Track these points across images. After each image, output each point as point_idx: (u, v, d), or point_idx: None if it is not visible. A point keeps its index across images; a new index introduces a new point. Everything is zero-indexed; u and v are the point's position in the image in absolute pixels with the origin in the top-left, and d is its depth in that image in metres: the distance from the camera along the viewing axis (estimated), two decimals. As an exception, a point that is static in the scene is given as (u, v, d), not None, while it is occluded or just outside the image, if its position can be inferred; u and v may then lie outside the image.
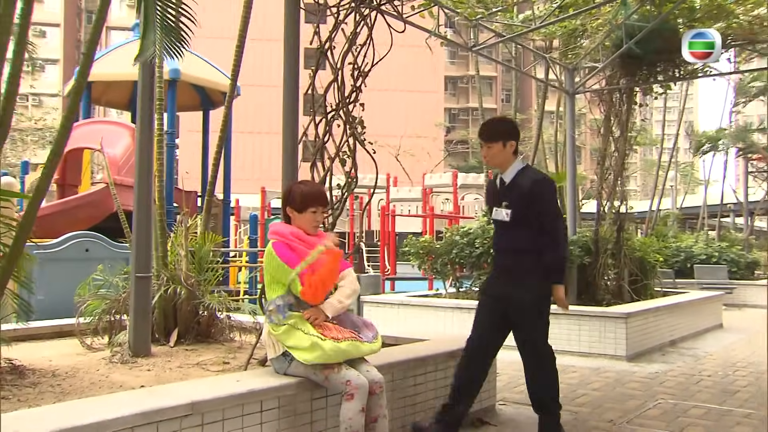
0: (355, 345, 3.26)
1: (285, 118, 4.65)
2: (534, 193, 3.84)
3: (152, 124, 4.67)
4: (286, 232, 3.49)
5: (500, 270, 4.10)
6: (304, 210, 3.51)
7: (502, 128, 3.99)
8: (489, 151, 3.96)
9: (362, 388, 3.21)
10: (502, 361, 6.88)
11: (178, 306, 4.98)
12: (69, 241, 6.33)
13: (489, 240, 8.39)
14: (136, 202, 4.60)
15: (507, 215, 3.89)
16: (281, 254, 3.42)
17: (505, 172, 3.97)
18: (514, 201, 3.88)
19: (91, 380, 3.81)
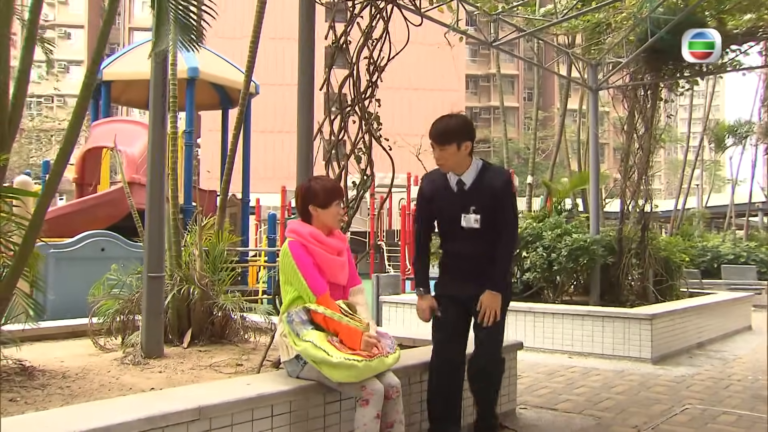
0: (382, 361, 3.14)
1: (300, 115, 4.56)
2: (506, 194, 3.65)
3: (165, 122, 4.58)
4: (304, 232, 3.39)
5: (463, 274, 3.73)
6: (329, 204, 3.43)
7: (455, 128, 3.60)
8: (442, 154, 3.60)
9: (378, 393, 3.10)
10: (524, 362, 6.79)
11: (191, 306, 4.90)
12: (85, 240, 6.29)
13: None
14: (149, 201, 4.52)
15: (477, 221, 3.61)
16: (296, 256, 3.32)
17: (463, 174, 3.65)
18: (483, 204, 3.61)
19: (101, 382, 3.73)
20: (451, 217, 3.69)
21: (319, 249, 3.37)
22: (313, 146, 4.53)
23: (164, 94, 4.58)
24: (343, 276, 3.47)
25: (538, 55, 10.57)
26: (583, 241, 7.90)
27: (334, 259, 3.42)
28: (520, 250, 8.18)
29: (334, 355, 3.05)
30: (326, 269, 3.39)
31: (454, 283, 3.75)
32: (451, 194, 3.68)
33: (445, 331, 3.72)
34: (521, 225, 8.45)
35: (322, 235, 3.42)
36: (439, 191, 3.73)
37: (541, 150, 34.03)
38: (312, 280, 3.28)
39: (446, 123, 3.62)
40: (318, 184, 3.50)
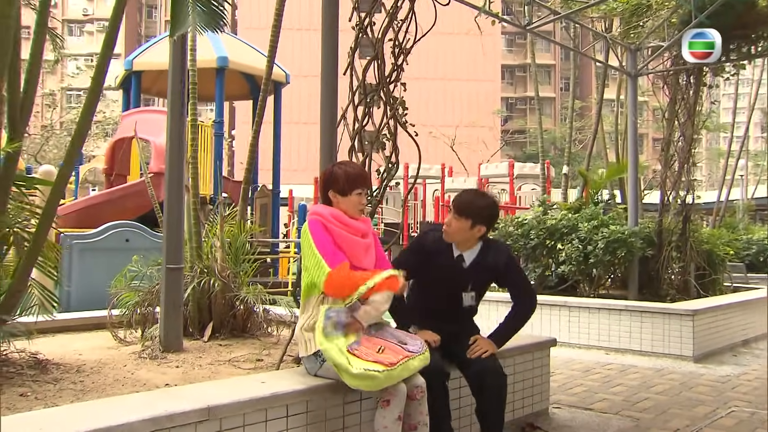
0: (406, 366, 2.93)
1: (323, 102, 4.38)
2: (511, 268, 3.67)
3: (183, 109, 4.45)
4: (325, 212, 3.22)
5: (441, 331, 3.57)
6: (349, 192, 3.24)
7: (478, 208, 3.47)
8: (453, 222, 3.49)
9: (400, 393, 2.91)
10: (558, 359, 6.55)
11: (212, 299, 4.77)
12: (109, 230, 6.23)
13: (544, 231, 7.98)
14: (167, 190, 4.39)
15: (473, 299, 3.62)
16: (314, 232, 3.14)
17: (465, 251, 3.56)
18: (479, 283, 3.62)
19: (115, 377, 3.61)
20: (449, 291, 3.61)
21: (339, 229, 3.18)
22: (337, 133, 4.36)
23: (183, 81, 4.45)
24: (367, 259, 3.26)
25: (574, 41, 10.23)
26: (621, 233, 7.60)
27: (356, 240, 3.23)
28: (555, 243, 7.91)
29: (354, 365, 2.86)
30: (348, 250, 3.18)
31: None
32: (450, 264, 3.57)
33: None
34: (556, 216, 8.18)
35: (345, 216, 3.23)
36: (440, 253, 3.57)
37: (577, 141, 33.41)
38: (328, 254, 3.08)
39: (474, 198, 3.53)
40: (341, 170, 3.32)
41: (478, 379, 3.44)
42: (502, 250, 3.69)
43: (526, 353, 4.37)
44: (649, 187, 17.87)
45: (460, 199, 3.52)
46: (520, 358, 4.31)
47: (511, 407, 4.18)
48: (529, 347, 4.42)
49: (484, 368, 3.41)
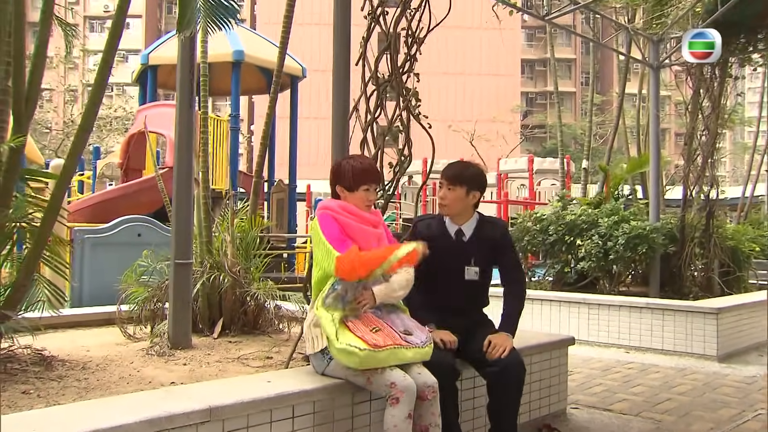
0: (394, 353, 2.84)
1: (335, 93, 4.28)
2: (506, 243, 3.61)
3: (192, 101, 4.36)
4: (334, 205, 3.15)
5: (447, 327, 3.43)
6: (356, 188, 3.16)
7: (470, 175, 3.49)
8: (449, 194, 3.47)
9: (408, 391, 2.80)
10: (576, 357, 6.39)
11: (222, 295, 4.69)
12: (121, 225, 6.17)
13: (563, 227, 7.82)
14: (176, 184, 4.31)
15: (477, 273, 3.51)
16: (323, 224, 3.06)
17: (463, 224, 3.53)
18: (482, 257, 3.53)
19: (120, 374, 3.54)
20: (451, 268, 3.51)
21: (349, 220, 3.09)
22: (349, 126, 4.25)
23: (191, 73, 4.37)
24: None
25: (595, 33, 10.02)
26: (642, 229, 7.42)
27: (367, 230, 3.13)
28: (574, 238, 7.75)
29: (339, 338, 2.84)
30: (359, 240, 3.08)
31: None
32: (450, 243, 3.53)
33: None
34: (576, 212, 8.02)
35: (354, 207, 3.15)
36: (436, 238, 3.49)
37: (598, 135, 33.02)
38: (336, 241, 3.00)
39: (463, 167, 3.54)
40: (348, 164, 3.22)
41: (500, 375, 3.30)
42: (499, 224, 3.69)
43: (544, 352, 4.24)
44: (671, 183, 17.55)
45: (450, 171, 3.50)
46: (537, 357, 4.18)
47: (527, 408, 4.06)
48: (547, 346, 4.29)
49: (507, 363, 3.28)
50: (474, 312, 3.64)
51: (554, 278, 8.15)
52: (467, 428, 3.60)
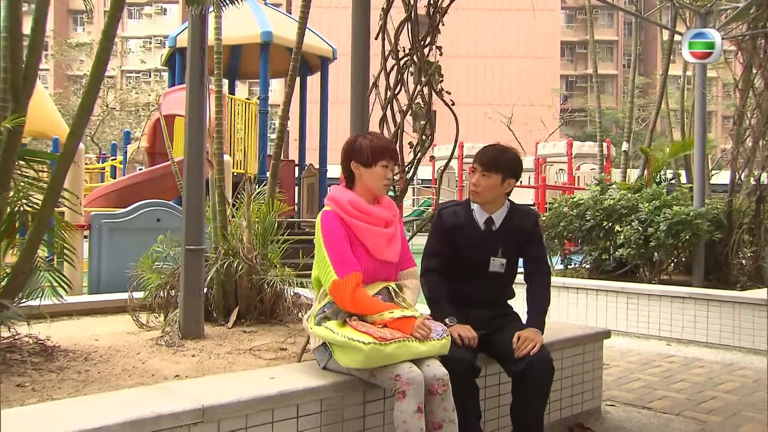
0: (405, 346, 2.59)
1: (354, 69, 4.03)
2: (536, 234, 3.35)
3: (203, 79, 4.14)
4: (343, 199, 2.88)
5: (469, 320, 3.16)
6: (374, 163, 2.89)
7: (506, 161, 3.21)
8: (482, 180, 3.19)
9: (415, 383, 2.55)
10: (613, 349, 6.06)
11: (238, 282, 4.49)
12: (139, 210, 6.02)
13: (601, 212, 7.45)
14: (186, 165, 4.11)
15: (503, 266, 3.26)
16: (325, 227, 2.82)
17: (494, 213, 3.27)
18: (510, 248, 3.27)
19: (124, 366, 3.36)
20: (476, 259, 3.26)
21: (358, 221, 2.85)
22: (368, 103, 4.00)
23: (202, 50, 4.14)
24: (391, 252, 2.93)
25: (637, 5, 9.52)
26: (686, 215, 7.01)
27: (378, 231, 2.89)
28: (613, 224, 7.38)
29: (338, 332, 2.61)
30: (369, 243, 2.86)
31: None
32: (478, 233, 3.26)
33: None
34: (615, 196, 7.63)
35: (364, 203, 2.89)
36: (462, 227, 3.27)
37: (640, 119, 32.16)
38: (337, 257, 2.75)
39: (499, 152, 3.24)
40: (366, 139, 2.96)
41: (526, 374, 3.03)
42: (531, 214, 3.41)
43: (577, 346, 3.94)
44: (717, 167, 16.89)
45: (485, 156, 3.21)
46: (569, 351, 3.88)
47: (558, 405, 3.78)
48: (580, 339, 3.98)
49: (535, 359, 3.01)
50: (499, 304, 3.38)
51: (591, 266, 7.80)
52: (491, 428, 3.34)
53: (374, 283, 2.89)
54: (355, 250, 2.85)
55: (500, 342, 3.14)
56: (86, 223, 5.70)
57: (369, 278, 2.87)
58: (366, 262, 2.87)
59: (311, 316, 2.90)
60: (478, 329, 3.13)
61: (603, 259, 7.66)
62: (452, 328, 3.05)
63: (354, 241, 2.86)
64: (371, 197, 2.95)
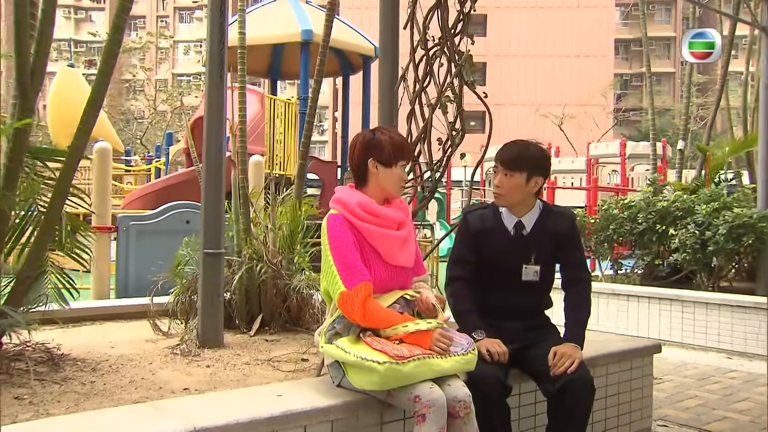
0: (426, 363, 2.32)
1: (381, 59, 3.81)
2: (573, 238, 3.03)
3: (223, 73, 3.95)
4: (351, 201, 2.62)
5: (500, 333, 2.89)
6: (394, 163, 2.64)
7: (530, 157, 2.91)
8: (505, 181, 2.91)
9: (436, 405, 2.28)
10: (667, 362, 5.65)
11: (262, 287, 4.28)
12: (168, 211, 5.88)
13: (654, 214, 7.01)
14: (205, 164, 3.92)
15: (537, 273, 2.95)
16: (332, 232, 2.57)
17: (523, 216, 2.97)
18: (544, 254, 2.98)
19: (132, 378, 3.17)
20: (507, 267, 2.97)
21: (369, 224, 2.59)
22: (397, 96, 3.75)
23: (222, 42, 3.94)
24: (405, 256, 2.67)
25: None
26: (748, 217, 6.51)
27: (390, 234, 2.63)
28: (667, 227, 6.93)
29: (350, 351, 2.36)
30: (382, 248, 2.61)
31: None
32: (507, 238, 2.96)
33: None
34: (669, 198, 7.18)
35: (374, 205, 2.63)
36: (490, 232, 2.98)
37: (699, 118, 31.03)
38: (345, 266, 2.50)
39: (522, 148, 2.94)
40: (385, 135, 2.69)
41: (563, 394, 2.72)
42: (566, 215, 3.06)
43: (623, 361, 3.60)
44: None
45: (506, 153, 2.92)
46: (614, 367, 3.54)
47: (602, 427, 3.45)
48: (627, 354, 3.64)
49: (572, 379, 2.70)
50: (535, 315, 3.07)
51: (644, 271, 7.35)
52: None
53: (390, 292, 2.63)
54: (366, 256, 2.59)
55: (535, 358, 2.84)
56: (114, 225, 5.60)
57: (384, 287, 2.62)
58: (379, 269, 2.61)
59: (322, 332, 2.65)
60: (510, 343, 2.85)
61: (656, 265, 7.22)
62: (480, 342, 2.76)
63: (365, 246, 2.60)
64: (382, 198, 2.70)
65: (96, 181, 5.46)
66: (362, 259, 2.58)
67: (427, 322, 2.46)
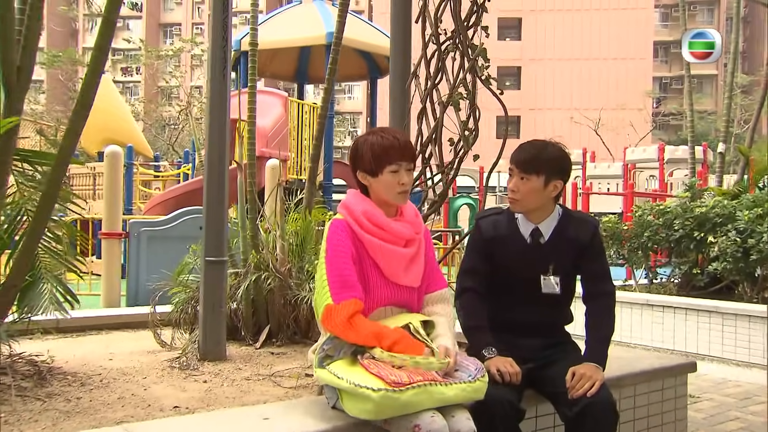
0: (427, 392, 2.07)
1: (393, 54, 3.59)
2: (596, 247, 2.73)
3: (225, 71, 3.76)
4: (357, 210, 2.39)
5: (518, 350, 2.62)
6: (379, 171, 2.38)
7: (548, 158, 2.63)
8: (520, 185, 2.64)
9: None
10: (705, 378, 5.28)
11: (269, 298, 4.08)
12: (181, 217, 5.72)
13: (692, 221, 6.64)
14: (207, 168, 3.75)
15: (557, 285, 2.68)
16: (331, 239, 2.35)
17: (541, 222, 2.69)
18: (564, 263, 2.70)
19: (122, 394, 2.99)
20: (523, 278, 2.70)
21: (372, 236, 2.36)
22: (409, 93, 3.53)
23: (225, 39, 3.75)
24: (410, 276, 2.43)
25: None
26: (795, 224, 6.11)
27: (395, 251, 2.39)
28: (706, 235, 6.55)
29: (343, 377, 2.12)
30: (384, 264, 2.38)
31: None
32: (523, 247, 2.70)
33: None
34: (708, 203, 6.80)
35: (381, 216, 2.39)
36: (504, 241, 2.71)
37: (743, 120, 30.12)
38: (337, 277, 2.27)
39: (539, 148, 2.66)
40: (367, 141, 2.44)
41: (582, 420, 2.45)
42: (589, 222, 2.77)
43: (653, 381, 3.29)
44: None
45: (521, 154, 2.65)
46: (643, 387, 3.24)
47: (630, 453, 3.14)
48: (658, 372, 3.33)
49: (592, 402, 2.43)
50: (553, 331, 2.80)
51: (681, 281, 6.97)
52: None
53: (394, 316, 2.40)
54: (366, 270, 2.36)
55: (552, 378, 2.57)
56: (124, 231, 5.46)
57: (382, 302, 2.39)
58: (378, 284, 2.38)
59: (315, 350, 2.41)
60: (525, 362, 2.58)
61: (694, 274, 6.83)
62: (490, 361, 2.51)
63: (366, 259, 2.37)
64: (392, 208, 2.45)
65: (106, 186, 5.31)
66: (362, 272, 2.35)
67: (440, 362, 2.19)
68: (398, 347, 2.20)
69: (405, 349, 2.19)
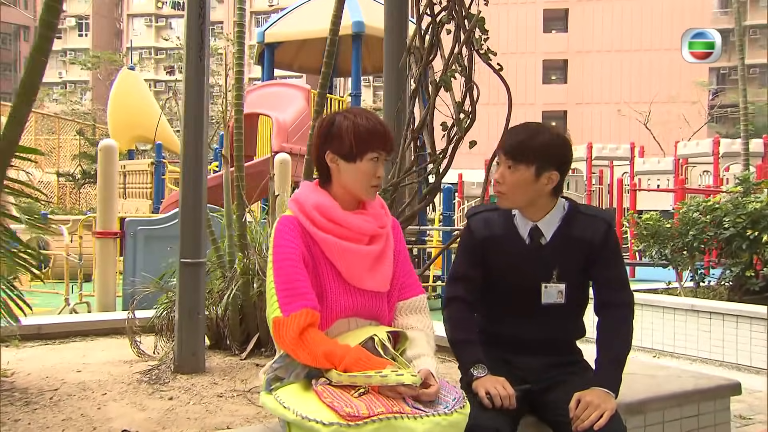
0: (391, 426, 1.67)
1: (387, 33, 3.21)
2: (608, 248, 2.26)
3: (203, 55, 3.39)
4: (307, 204, 2.00)
5: (519, 370, 2.26)
6: (359, 156, 2.00)
7: (541, 145, 2.18)
8: (506, 175, 2.20)
9: None
10: (757, 396, 4.67)
11: (259, 305, 3.71)
12: (180, 215, 5.40)
13: (744, 218, 6.05)
14: (183, 162, 3.40)
15: (561, 294, 2.24)
16: (278, 240, 1.97)
17: (540, 220, 2.25)
18: (569, 268, 2.26)
19: (70, 414, 2.67)
20: (522, 286, 2.27)
21: (326, 234, 1.97)
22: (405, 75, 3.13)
23: (202, 17, 3.39)
24: (376, 278, 2.03)
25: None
26: None
27: (355, 250, 1.99)
28: (760, 233, 5.94)
29: (290, 407, 1.75)
30: (342, 265, 1.99)
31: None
32: (521, 249, 2.27)
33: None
34: (762, 199, 6.18)
35: (336, 209, 1.99)
36: (499, 242, 2.28)
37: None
38: (285, 285, 1.89)
39: (530, 134, 2.21)
40: (348, 120, 2.03)
41: None
42: (600, 219, 2.29)
43: (687, 405, 2.80)
44: None
45: (510, 139, 2.22)
46: (674, 412, 2.75)
47: (660, 490, 2.66)
48: (692, 395, 2.83)
49: None
50: (559, 348, 2.34)
51: (732, 284, 6.37)
52: None
53: (359, 329, 2.00)
54: (323, 275, 1.98)
55: (554, 404, 2.15)
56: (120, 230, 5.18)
57: (343, 312, 1.99)
58: (337, 291, 1.98)
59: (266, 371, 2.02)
60: (523, 382, 2.17)
61: (747, 277, 6.21)
62: (479, 381, 2.09)
63: (321, 262, 1.98)
64: (353, 201, 2.05)
65: (100, 183, 5.03)
66: (317, 278, 1.97)
67: (412, 374, 1.79)
68: (356, 370, 1.80)
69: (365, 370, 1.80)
